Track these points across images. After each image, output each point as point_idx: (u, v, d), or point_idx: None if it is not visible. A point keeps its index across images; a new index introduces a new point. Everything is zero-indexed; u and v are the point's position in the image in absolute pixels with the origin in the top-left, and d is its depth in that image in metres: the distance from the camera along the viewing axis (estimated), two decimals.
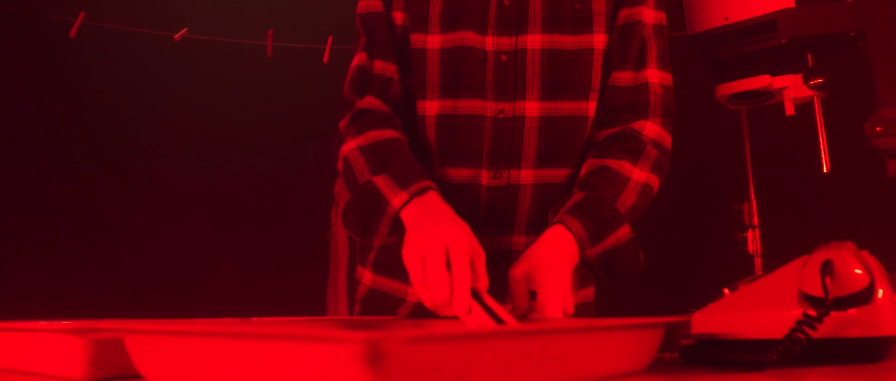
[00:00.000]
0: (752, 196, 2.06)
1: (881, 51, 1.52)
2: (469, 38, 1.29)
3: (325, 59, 3.24)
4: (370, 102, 1.33)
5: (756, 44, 1.61)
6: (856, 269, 0.72)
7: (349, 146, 1.27)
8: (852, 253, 0.76)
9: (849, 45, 1.59)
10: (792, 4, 1.64)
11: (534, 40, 1.29)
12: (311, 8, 3.40)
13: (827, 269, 0.72)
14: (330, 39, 3.24)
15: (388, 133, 1.28)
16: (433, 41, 1.32)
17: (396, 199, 1.13)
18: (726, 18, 1.63)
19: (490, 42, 1.29)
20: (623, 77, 1.32)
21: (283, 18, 3.40)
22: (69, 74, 3.55)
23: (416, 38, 1.34)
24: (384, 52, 1.35)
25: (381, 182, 1.16)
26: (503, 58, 1.28)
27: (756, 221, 2.04)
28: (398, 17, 1.37)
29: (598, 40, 1.31)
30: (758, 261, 2.06)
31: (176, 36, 3.59)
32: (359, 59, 1.37)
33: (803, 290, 0.73)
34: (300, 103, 3.34)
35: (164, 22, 3.61)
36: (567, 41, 1.29)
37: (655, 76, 1.32)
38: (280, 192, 3.58)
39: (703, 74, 1.77)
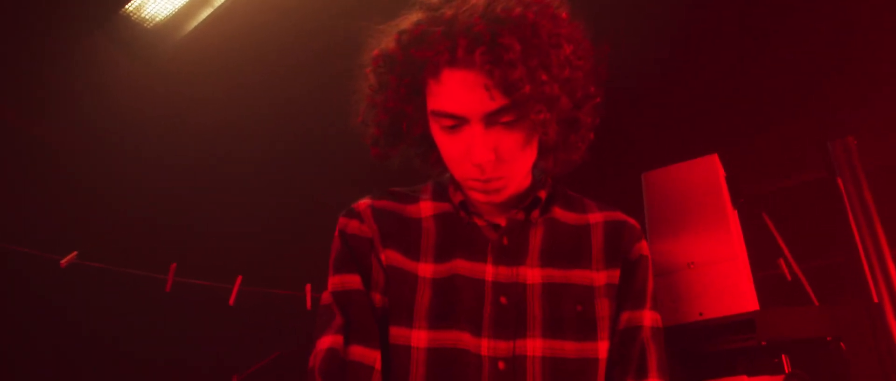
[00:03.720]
0: None
1: (860, 360, 1.48)
2: (463, 340, 1.15)
3: (232, 301, 2.99)
4: None
5: (733, 343, 1.55)
6: None
7: None
8: None
9: (826, 348, 1.55)
10: (756, 307, 1.60)
11: (534, 346, 1.16)
12: (220, 243, 3.21)
13: None
14: (239, 279, 3.02)
15: None
16: (419, 338, 1.16)
17: None
18: (701, 314, 1.57)
19: (485, 345, 1.15)
20: None
21: (188, 252, 3.17)
22: None
23: (397, 333, 1.18)
24: (365, 337, 1.17)
25: None
26: (501, 365, 1.14)
27: None
28: (376, 299, 1.22)
29: (603, 349, 1.20)
30: None
31: (63, 260, 3.28)
32: (332, 341, 1.16)
33: None
34: (200, 345, 3.05)
35: (50, 244, 3.30)
36: (570, 348, 1.17)
37: None
38: None
39: None
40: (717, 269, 1.59)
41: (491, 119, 1.11)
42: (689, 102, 2.82)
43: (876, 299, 1.53)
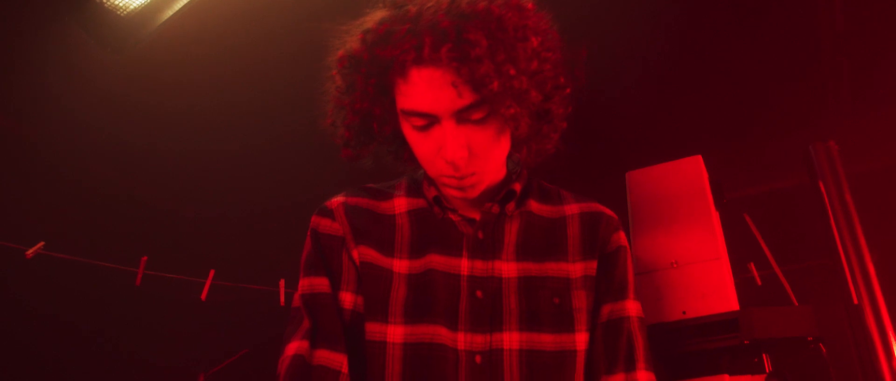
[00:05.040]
0: None
1: (839, 360, 1.50)
2: (440, 334, 1.14)
3: (204, 295, 2.95)
4: None
5: (715, 342, 1.56)
6: None
7: None
8: None
9: (806, 348, 1.56)
10: (737, 307, 1.62)
11: (510, 339, 1.15)
12: (192, 237, 3.16)
13: None
14: (212, 274, 2.97)
15: None
16: (395, 333, 1.15)
17: None
18: (684, 313, 1.57)
19: (462, 339, 1.14)
20: None
21: (158, 245, 3.12)
22: None
23: (373, 329, 1.16)
24: (331, 341, 1.16)
25: None
26: (478, 359, 1.13)
27: None
28: (347, 299, 1.20)
29: (580, 340, 1.19)
30: None
31: (29, 251, 3.20)
32: (298, 347, 1.14)
33: None
34: (170, 339, 3.00)
35: (16, 234, 3.23)
36: (547, 341, 1.17)
37: (645, 379, 1.21)
38: None
39: None
40: (701, 269, 1.60)
41: (461, 116, 1.09)
42: (673, 103, 2.84)
43: (856, 301, 1.55)
